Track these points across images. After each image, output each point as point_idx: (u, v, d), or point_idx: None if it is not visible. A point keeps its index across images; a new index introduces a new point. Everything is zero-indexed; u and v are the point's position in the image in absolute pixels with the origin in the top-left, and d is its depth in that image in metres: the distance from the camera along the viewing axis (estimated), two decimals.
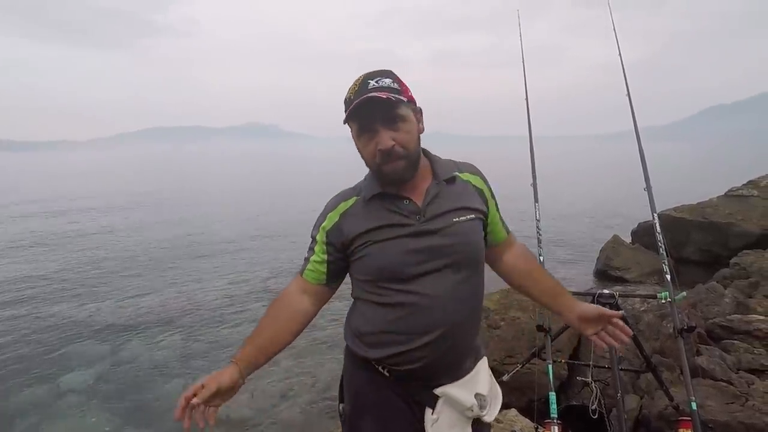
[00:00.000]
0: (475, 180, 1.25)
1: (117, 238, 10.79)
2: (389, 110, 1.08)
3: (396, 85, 1.10)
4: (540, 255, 2.29)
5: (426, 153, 1.23)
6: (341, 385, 1.29)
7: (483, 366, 1.26)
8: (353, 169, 1.20)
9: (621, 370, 2.05)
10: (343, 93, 1.13)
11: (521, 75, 2.68)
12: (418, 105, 1.17)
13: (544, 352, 2.08)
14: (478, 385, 1.21)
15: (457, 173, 1.23)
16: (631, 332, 1.24)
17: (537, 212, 2.34)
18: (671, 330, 2.18)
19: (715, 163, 44.42)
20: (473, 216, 1.19)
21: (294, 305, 1.21)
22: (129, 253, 9.26)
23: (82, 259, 8.65)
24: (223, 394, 1.05)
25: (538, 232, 2.30)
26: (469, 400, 1.17)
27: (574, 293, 2.87)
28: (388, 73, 1.13)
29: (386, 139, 1.08)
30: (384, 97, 1.05)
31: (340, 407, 1.29)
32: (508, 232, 1.34)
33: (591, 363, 2.08)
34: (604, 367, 2.09)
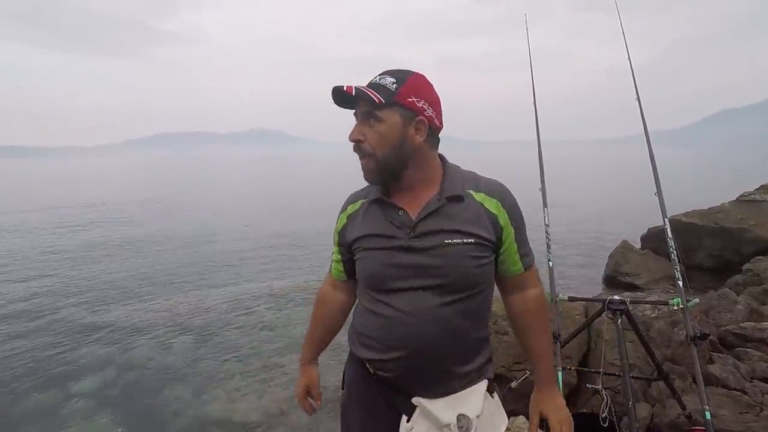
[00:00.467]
0: (489, 203, 1.14)
1: (127, 243, 10.88)
2: (365, 106, 1.09)
3: (394, 87, 1.08)
4: (549, 260, 2.28)
5: (444, 163, 1.19)
6: (343, 374, 1.35)
7: (479, 389, 1.17)
8: (355, 173, 1.19)
9: (632, 377, 2.02)
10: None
11: (527, 79, 2.65)
12: (426, 114, 1.10)
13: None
14: (466, 407, 1.14)
15: (471, 191, 1.14)
16: None
17: (546, 217, 2.32)
18: (683, 337, 2.15)
19: (723, 167, 43.99)
20: (472, 240, 1.10)
21: (331, 301, 1.40)
22: (138, 258, 9.33)
23: (91, 265, 8.73)
24: (314, 388, 1.46)
25: (547, 238, 2.29)
26: (448, 418, 1.12)
27: (584, 300, 2.84)
28: (399, 74, 1.12)
29: (355, 131, 1.12)
30: (349, 91, 1.08)
31: (340, 393, 1.35)
32: (525, 267, 1.19)
33: (601, 370, 2.06)
34: (615, 375, 2.06)
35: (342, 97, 1.11)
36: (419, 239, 1.11)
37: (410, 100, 1.09)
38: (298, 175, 43.23)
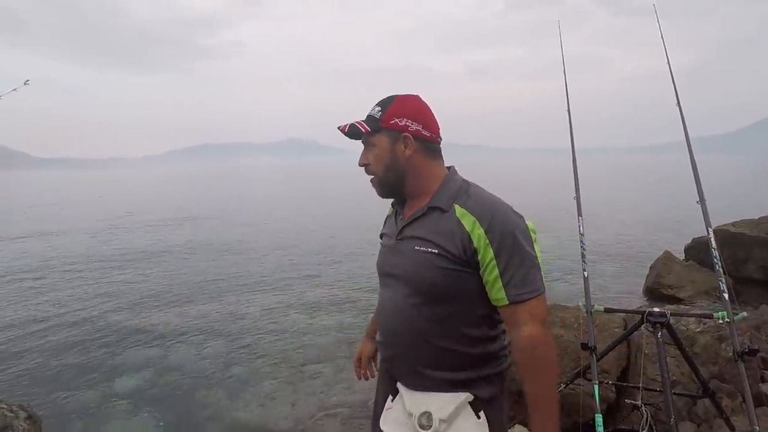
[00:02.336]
0: (466, 220, 1.15)
1: (167, 251, 11.29)
2: (354, 136, 1.29)
3: (379, 114, 1.24)
4: (584, 270, 2.22)
5: (446, 177, 1.26)
6: None
7: (456, 398, 1.17)
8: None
9: (674, 394, 1.93)
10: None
11: (561, 87, 2.63)
12: (410, 129, 1.22)
13: (590, 372, 1.99)
14: (434, 408, 1.18)
15: (457, 205, 1.18)
16: None
17: (581, 226, 2.27)
18: (731, 353, 2.04)
19: None
20: (435, 251, 1.16)
21: None
22: (178, 265, 9.67)
23: (135, 271, 9.11)
24: (371, 356, 1.58)
25: (582, 247, 2.23)
26: (413, 409, 1.22)
27: (622, 311, 2.74)
28: (383, 102, 1.26)
29: (361, 157, 1.30)
30: (344, 128, 1.27)
31: None
32: (511, 299, 1.11)
33: (641, 385, 1.98)
34: (656, 390, 1.97)
35: (350, 133, 1.28)
36: (402, 242, 1.26)
37: (393, 122, 1.23)
38: (333, 184, 43.82)
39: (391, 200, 1.39)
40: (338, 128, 1.29)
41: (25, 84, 3.19)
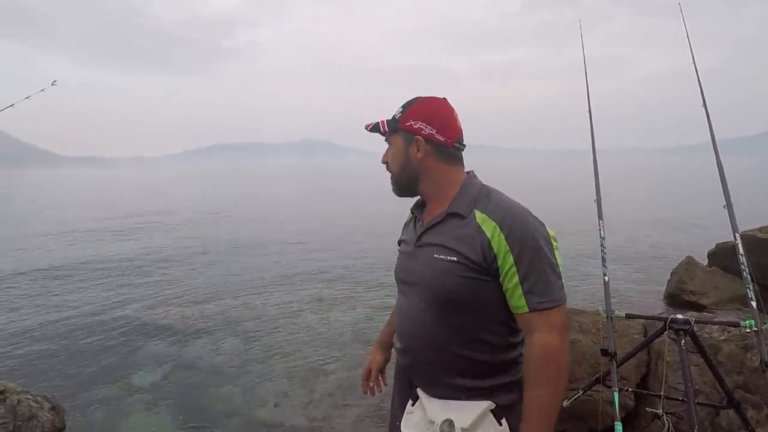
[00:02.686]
0: (487, 225, 1.13)
1: (185, 249, 11.49)
2: (376, 134, 1.33)
3: (399, 115, 1.27)
4: (605, 275, 2.18)
5: (465, 182, 1.24)
6: None
7: (478, 406, 1.17)
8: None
9: (698, 403, 1.88)
10: (390, 108, 1.38)
11: (579, 87, 2.59)
12: (423, 133, 1.24)
13: (609, 379, 1.95)
14: (455, 415, 1.16)
15: (477, 211, 1.16)
16: None
17: (601, 230, 2.22)
18: (757, 363, 1.98)
19: None
20: (455, 258, 1.14)
21: None
22: (195, 263, 9.83)
23: (153, 270, 9.28)
24: (381, 369, 1.54)
25: (602, 251, 2.19)
26: (435, 417, 1.20)
27: (644, 317, 2.68)
28: (406, 103, 1.29)
29: (384, 155, 1.33)
30: (369, 126, 1.33)
31: None
32: (531, 307, 1.10)
33: (662, 393, 1.93)
34: (678, 400, 1.93)
35: (374, 130, 1.34)
36: (420, 249, 1.25)
37: (408, 124, 1.25)
38: (348, 184, 44.00)
39: (406, 201, 1.39)
40: (366, 127, 1.34)
41: (52, 84, 3.28)
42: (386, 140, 1.32)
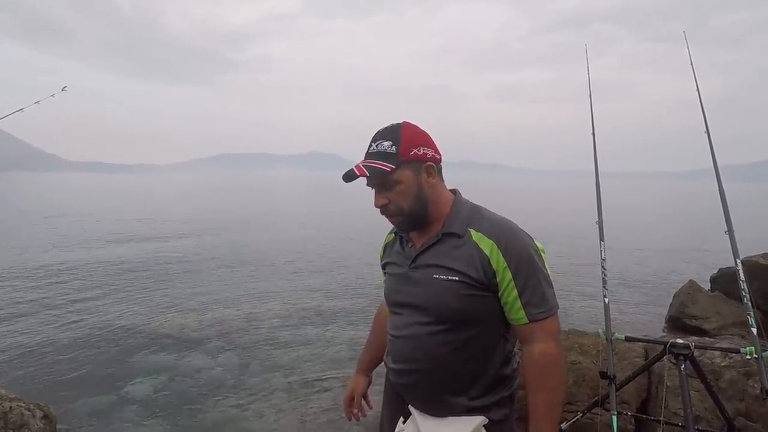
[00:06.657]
0: (484, 243, 1.16)
1: (186, 257, 11.47)
2: (376, 178, 1.18)
3: (393, 149, 1.16)
4: (605, 297, 2.17)
5: (454, 198, 1.26)
6: None
7: (471, 422, 1.19)
8: None
9: (698, 430, 1.86)
10: None
11: (587, 110, 2.62)
12: (429, 156, 1.19)
13: (608, 402, 1.93)
14: (450, 431, 1.20)
15: (472, 230, 1.18)
16: None
17: (602, 252, 2.23)
18: (758, 390, 1.96)
19: None
20: (456, 278, 1.16)
21: (382, 316, 1.53)
22: (196, 272, 9.80)
23: (153, 278, 9.26)
24: (364, 393, 1.55)
25: (603, 273, 2.19)
26: None
27: (644, 341, 2.67)
28: (390, 134, 1.19)
29: (378, 199, 1.23)
30: (358, 173, 1.16)
31: None
32: (530, 318, 1.15)
33: (662, 419, 1.91)
34: (677, 425, 1.91)
35: (350, 176, 1.19)
36: (417, 271, 1.24)
37: (412, 153, 1.18)
38: (351, 198, 44.06)
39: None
40: (349, 173, 1.18)
41: (62, 90, 3.33)
42: (381, 182, 1.19)
